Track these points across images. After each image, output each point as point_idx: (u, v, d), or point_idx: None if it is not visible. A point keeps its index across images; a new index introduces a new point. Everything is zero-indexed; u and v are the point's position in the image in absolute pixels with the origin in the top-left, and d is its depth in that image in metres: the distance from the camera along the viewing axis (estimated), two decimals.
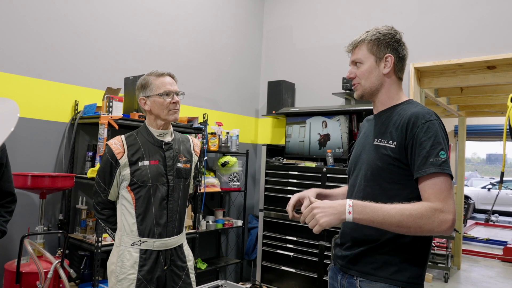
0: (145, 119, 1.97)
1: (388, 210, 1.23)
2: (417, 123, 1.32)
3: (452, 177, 1.28)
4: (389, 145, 1.36)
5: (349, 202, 1.25)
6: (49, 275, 2.27)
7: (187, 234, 3.23)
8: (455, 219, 1.23)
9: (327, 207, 1.25)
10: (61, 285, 2.41)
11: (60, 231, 2.80)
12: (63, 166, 2.94)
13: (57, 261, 2.31)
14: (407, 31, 1.46)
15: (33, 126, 2.79)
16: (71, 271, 2.39)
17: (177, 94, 1.91)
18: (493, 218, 10.39)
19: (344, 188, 1.67)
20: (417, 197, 1.31)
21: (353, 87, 1.51)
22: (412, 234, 1.26)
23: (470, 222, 9.86)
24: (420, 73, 3.77)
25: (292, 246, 3.80)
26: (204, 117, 3.73)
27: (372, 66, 1.44)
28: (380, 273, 1.34)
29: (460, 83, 3.71)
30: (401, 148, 1.34)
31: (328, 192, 1.63)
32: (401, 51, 1.47)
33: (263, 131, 4.79)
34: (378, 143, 1.40)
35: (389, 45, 1.44)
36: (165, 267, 1.85)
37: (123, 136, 1.91)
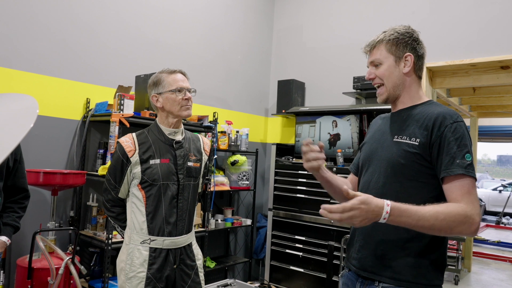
0: (156, 117, 1.98)
1: (423, 213, 1.20)
2: (445, 122, 1.31)
3: (476, 180, 1.28)
4: (412, 142, 1.35)
5: (386, 207, 1.17)
6: (60, 271, 2.30)
7: (196, 232, 3.24)
8: (480, 221, 1.25)
9: (369, 211, 1.15)
10: (71, 281, 2.43)
11: (71, 227, 2.82)
12: (75, 163, 2.96)
13: (68, 258, 2.34)
14: (419, 30, 1.45)
15: (45, 124, 2.82)
16: (82, 267, 2.42)
17: (189, 91, 1.92)
18: (504, 220, 10.26)
19: (344, 180, 1.65)
20: (437, 196, 1.31)
21: (377, 91, 1.49)
22: (440, 235, 1.27)
23: (481, 224, 9.69)
24: (432, 73, 3.73)
25: (301, 245, 3.79)
26: (214, 116, 3.74)
27: (392, 66, 1.43)
28: (403, 277, 1.32)
29: (472, 83, 3.66)
30: (425, 147, 1.32)
31: (330, 175, 1.66)
32: (420, 50, 1.46)
33: (273, 130, 4.78)
34: (399, 140, 1.39)
35: (408, 44, 1.44)
36: (175, 266, 1.85)
37: (134, 134, 1.91)
